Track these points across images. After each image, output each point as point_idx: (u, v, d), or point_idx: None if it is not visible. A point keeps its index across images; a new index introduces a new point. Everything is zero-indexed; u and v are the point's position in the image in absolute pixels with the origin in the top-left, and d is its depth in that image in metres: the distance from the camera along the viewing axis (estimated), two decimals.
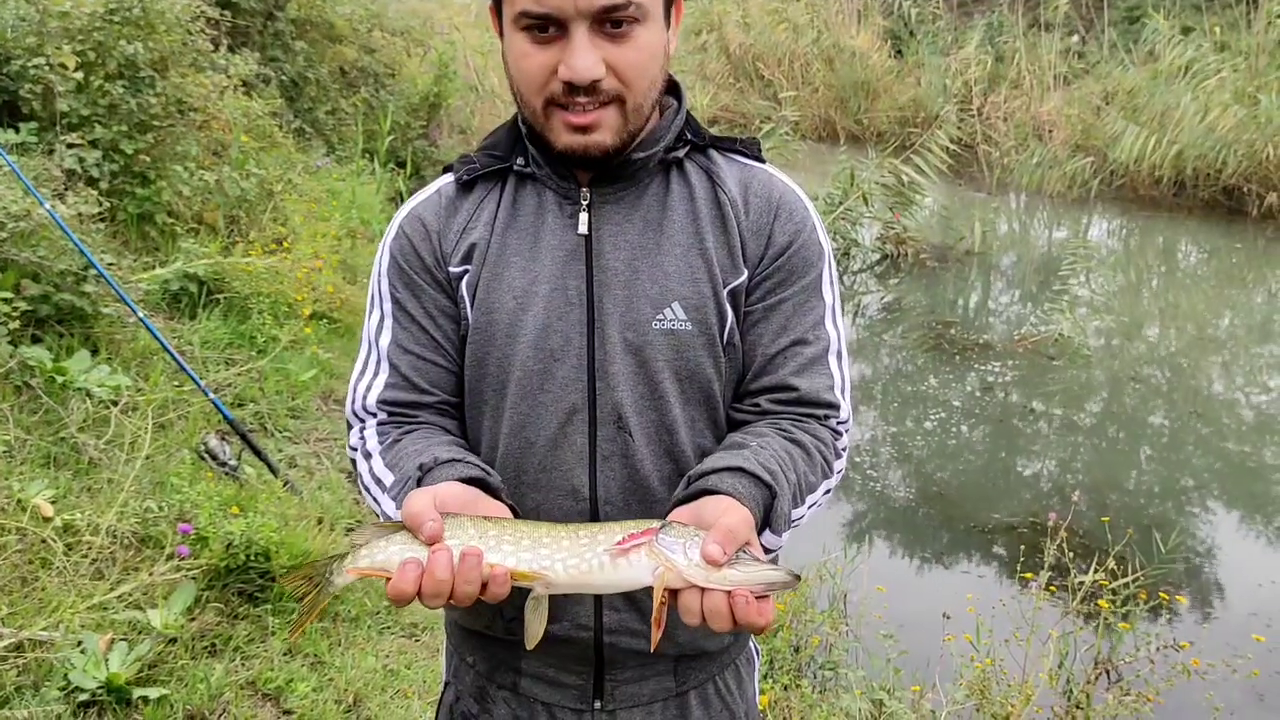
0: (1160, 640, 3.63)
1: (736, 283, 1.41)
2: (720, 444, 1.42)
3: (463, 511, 1.21)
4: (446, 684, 1.64)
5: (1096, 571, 3.81)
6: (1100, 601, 3.71)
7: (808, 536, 4.87)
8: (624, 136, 1.35)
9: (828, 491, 1.45)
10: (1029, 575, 3.83)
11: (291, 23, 10.38)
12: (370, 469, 1.42)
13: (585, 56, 1.26)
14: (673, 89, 1.47)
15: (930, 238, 11.72)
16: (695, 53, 20.46)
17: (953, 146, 11.86)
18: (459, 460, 1.32)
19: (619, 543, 1.18)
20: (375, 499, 1.40)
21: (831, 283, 1.49)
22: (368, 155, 10.40)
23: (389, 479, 1.38)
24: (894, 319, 9.44)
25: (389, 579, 1.17)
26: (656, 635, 1.17)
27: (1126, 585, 3.76)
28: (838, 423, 1.46)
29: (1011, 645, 3.52)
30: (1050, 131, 15.67)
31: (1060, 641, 3.67)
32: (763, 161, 1.51)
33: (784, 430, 1.40)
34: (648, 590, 1.18)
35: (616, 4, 1.25)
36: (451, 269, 1.44)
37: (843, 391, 1.47)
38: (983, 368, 7.83)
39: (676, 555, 1.15)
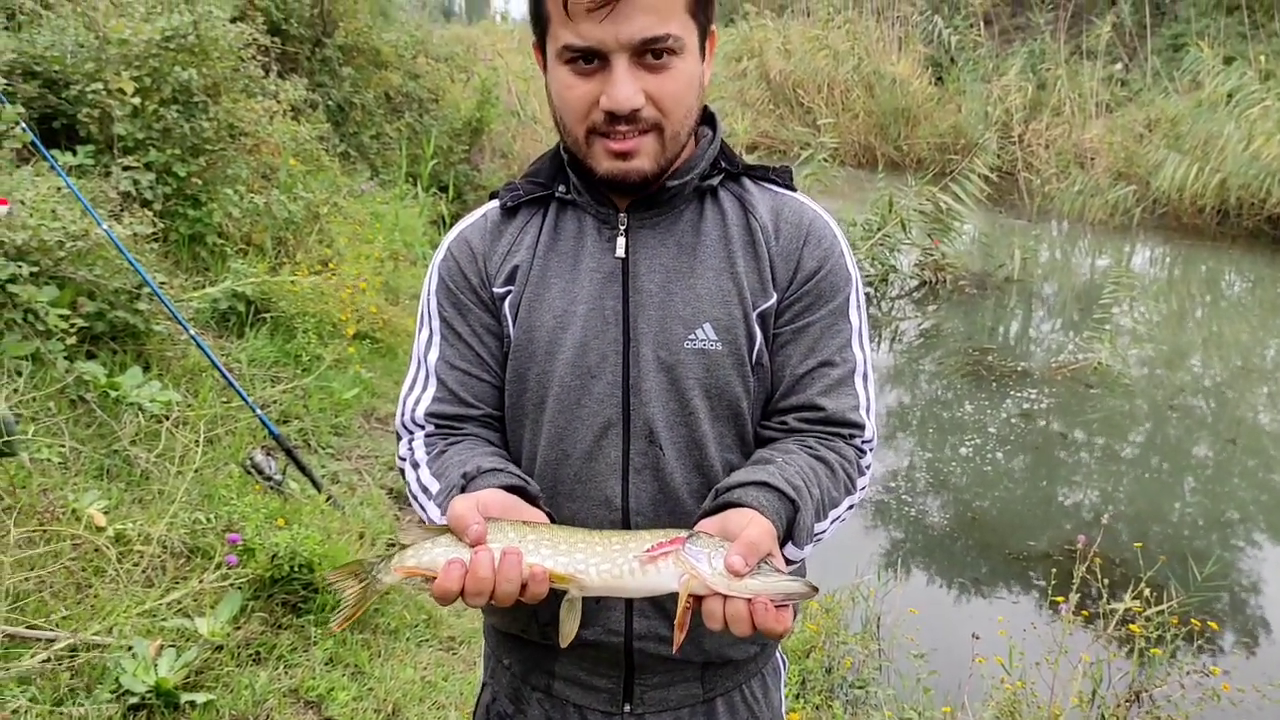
0: (1191, 666, 3.62)
1: (766, 305, 1.47)
2: (748, 460, 1.48)
3: (503, 516, 1.27)
4: (484, 685, 1.70)
5: (1133, 599, 3.80)
6: (1132, 626, 3.70)
7: (843, 560, 4.89)
8: (662, 162, 1.41)
9: (850, 507, 1.49)
10: (1060, 599, 3.83)
11: (339, 49, 10.59)
12: (418, 478, 1.49)
13: (626, 87, 1.32)
14: (708, 119, 1.53)
15: (970, 265, 11.70)
16: (735, 79, 20.60)
17: (992, 175, 11.86)
18: (500, 469, 1.39)
19: (648, 550, 1.24)
20: (422, 506, 1.47)
21: (859, 307, 1.53)
22: (411, 179, 10.58)
23: (435, 487, 1.45)
24: (932, 345, 9.43)
25: (434, 578, 1.23)
26: (679, 638, 1.23)
27: (1161, 613, 3.75)
28: (862, 442, 1.50)
29: (1042, 668, 3.53)
30: (1092, 159, 15.62)
31: (1094, 668, 3.67)
32: (794, 190, 1.57)
33: (810, 447, 1.45)
34: (676, 596, 1.24)
35: (655, 36, 1.31)
36: (496, 289, 1.51)
37: (868, 412, 1.51)
38: (1020, 395, 7.80)
39: (701, 564, 1.21)
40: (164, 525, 3.38)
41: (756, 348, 1.46)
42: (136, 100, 5.35)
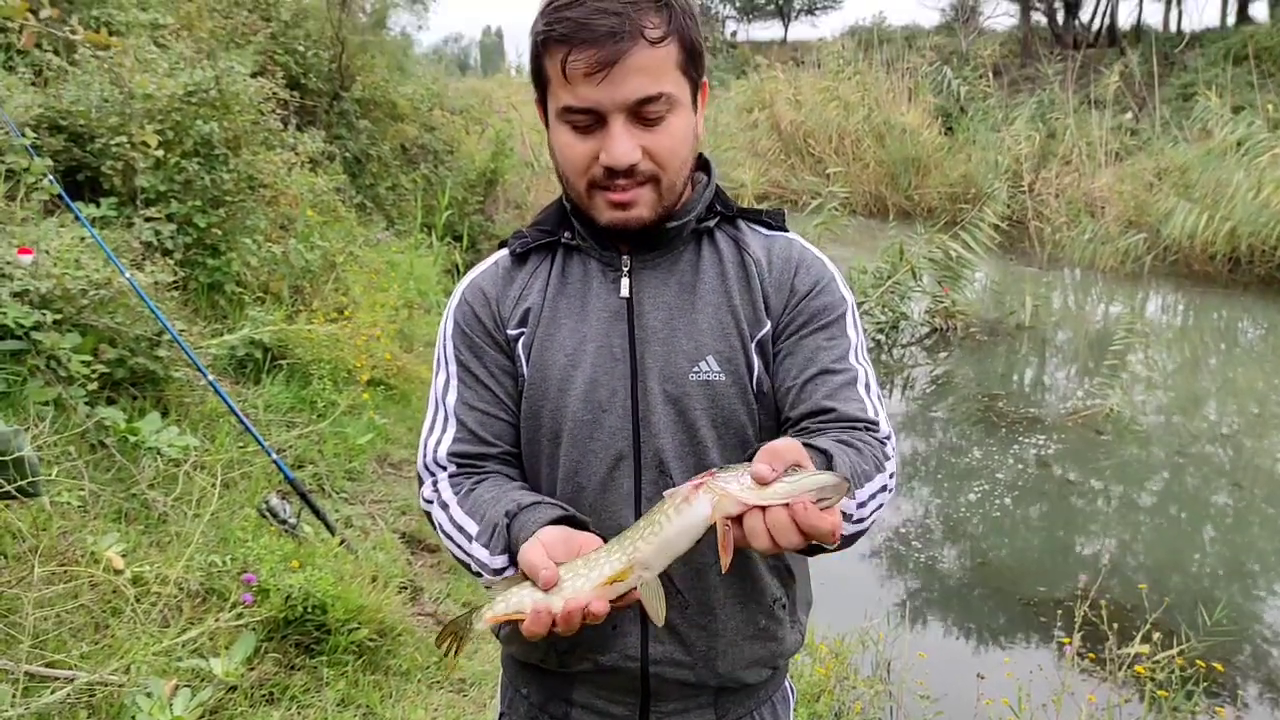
0: (1205, 715, 3.61)
1: (762, 333, 1.54)
2: None
3: (565, 548, 1.34)
4: (501, 715, 1.75)
5: (1142, 643, 3.81)
6: (1138, 668, 3.71)
7: (853, 604, 4.90)
8: (659, 210, 1.50)
9: (885, 489, 1.46)
10: (1066, 640, 3.83)
11: (356, 102, 10.80)
12: (450, 517, 1.54)
13: (623, 144, 1.41)
14: (703, 165, 1.62)
15: (981, 312, 11.75)
16: (746, 130, 20.81)
17: (1002, 223, 11.94)
18: (539, 503, 1.45)
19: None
20: (459, 545, 1.51)
21: (855, 326, 1.58)
22: (426, 229, 10.73)
23: (473, 526, 1.50)
24: (944, 392, 9.44)
25: (522, 620, 1.31)
26: (726, 560, 1.22)
27: (1170, 659, 3.75)
28: (882, 436, 1.51)
29: (1050, 710, 3.53)
30: (1102, 208, 15.71)
31: (1105, 712, 3.66)
32: (785, 230, 1.65)
33: (830, 435, 1.45)
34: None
35: (649, 96, 1.40)
36: (509, 331, 1.59)
37: (877, 414, 1.52)
38: (1032, 441, 7.80)
39: (730, 484, 1.22)
40: (181, 567, 3.43)
41: (756, 375, 1.53)
42: (160, 153, 5.48)
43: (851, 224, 12.93)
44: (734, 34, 46.54)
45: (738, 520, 1.21)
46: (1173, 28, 30.76)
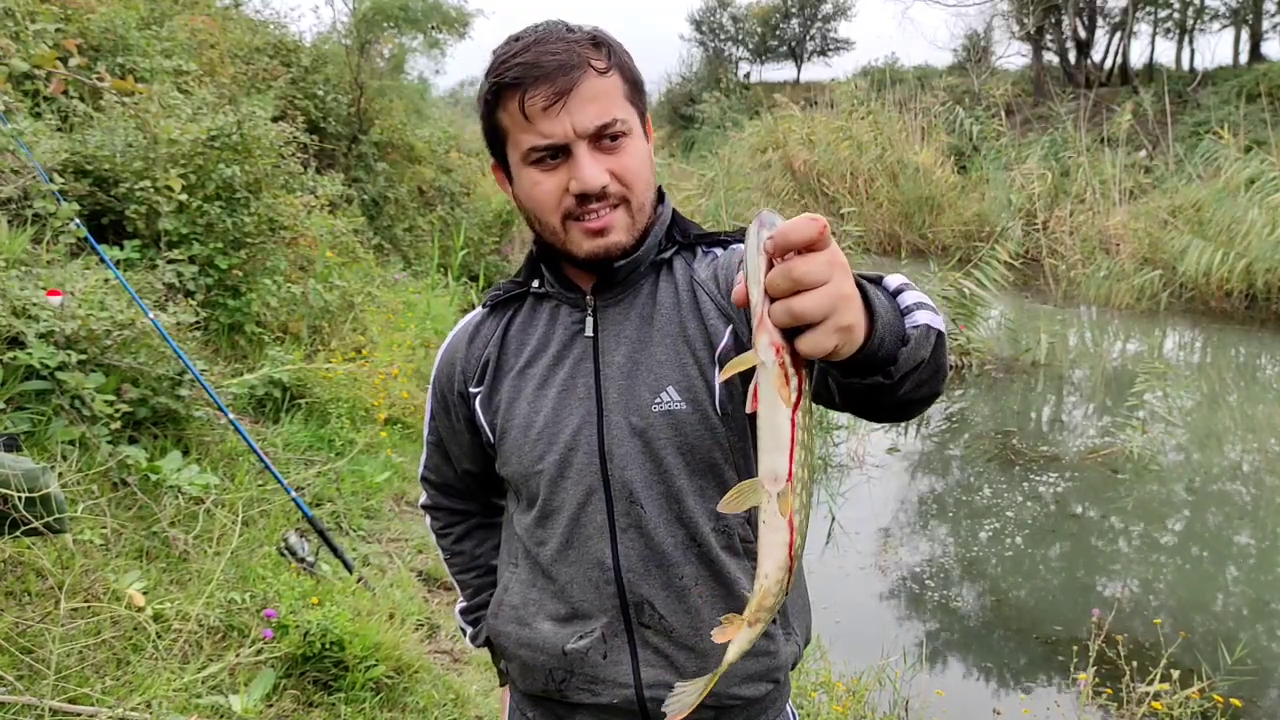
0: None
1: (723, 344, 1.54)
2: None
3: None
4: None
5: (1161, 682, 3.78)
6: (1155, 704, 3.68)
7: (870, 643, 4.88)
8: (634, 234, 1.55)
9: (924, 304, 1.28)
10: (1082, 675, 3.82)
11: (374, 145, 10.95)
12: (442, 558, 1.96)
13: (591, 168, 1.47)
14: (659, 197, 1.66)
15: (996, 349, 11.74)
16: (760, 170, 20.90)
17: (1015, 261, 11.96)
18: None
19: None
20: (456, 585, 1.94)
21: None
22: (442, 269, 10.83)
23: (460, 593, 1.92)
24: (959, 430, 9.42)
25: None
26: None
27: (1189, 698, 3.73)
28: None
29: None
30: (1117, 245, 15.71)
31: None
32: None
33: None
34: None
35: (606, 122, 1.47)
36: (471, 389, 1.70)
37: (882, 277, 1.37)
38: (1046, 479, 7.77)
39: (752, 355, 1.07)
40: (201, 604, 3.46)
41: (718, 397, 1.53)
42: (183, 197, 5.57)
43: (866, 262, 12.96)
44: (747, 75, 46.91)
45: (787, 341, 1.06)
46: (1185, 66, 30.89)
